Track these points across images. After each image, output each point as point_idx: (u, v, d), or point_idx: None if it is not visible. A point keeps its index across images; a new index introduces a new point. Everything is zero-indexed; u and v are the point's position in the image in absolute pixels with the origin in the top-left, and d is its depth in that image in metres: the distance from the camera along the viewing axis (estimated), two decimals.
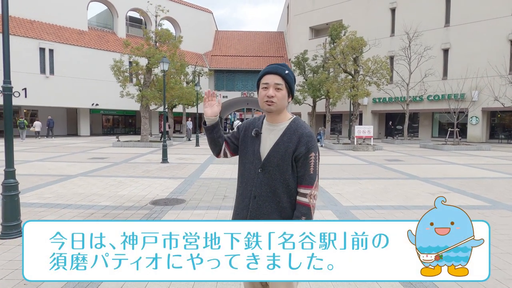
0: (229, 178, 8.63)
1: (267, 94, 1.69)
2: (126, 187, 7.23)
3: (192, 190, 7.11)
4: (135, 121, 36.21)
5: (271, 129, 1.76)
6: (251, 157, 1.75)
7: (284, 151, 1.67)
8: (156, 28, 19.15)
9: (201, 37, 38.08)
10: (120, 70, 18.52)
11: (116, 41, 30.74)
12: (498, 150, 17.88)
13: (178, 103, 25.56)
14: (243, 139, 1.85)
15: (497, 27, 23.83)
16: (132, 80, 22.86)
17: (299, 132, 1.70)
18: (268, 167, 1.68)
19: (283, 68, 1.74)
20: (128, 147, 17.98)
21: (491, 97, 20.91)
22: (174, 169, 10.02)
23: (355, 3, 31.27)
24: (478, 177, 9.06)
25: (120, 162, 11.54)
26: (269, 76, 1.71)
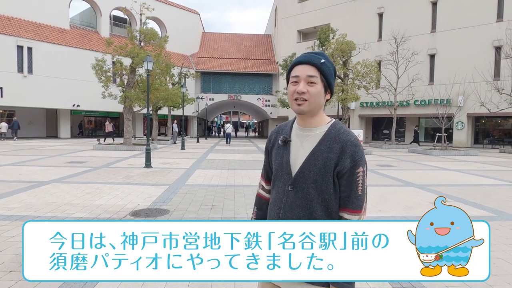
0: (216, 185, 8.10)
1: (297, 89, 1.32)
2: (103, 196, 6.61)
3: (176, 198, 6.55)
4: (118, 123, 35.17)
5: (304, 135, 1.39)
6: (279, 171, 1.40)
7: (323, 163, 1.30)
8: (141, 27, 18.44)
9: (188, 38, 37.40)
10: (102, 70, 17.72)
11: (99, 40, 29.77)
12: (485, 156, 17.92)
13: (163, 105, 24.84)
14: (271, 150, 1.50)
15: (482, 34, 24.14)
16: (115, 80, 22.04)
17: (342, 140, 1.32)
18: (301, 183, 1.32)
19: (318, 56, 1.35)
20: (110, 150, 17.18)
21: (477, 103, 21.06)
22: (157, 175, 9.42)
23: (343, 8, 31.29)
24: (474, 184, 8.81)
25: (100, 167, 10.84)
26: (300, 67, 1.34)
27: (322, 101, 1.36)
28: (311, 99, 1.31)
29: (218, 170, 10.73)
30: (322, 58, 1.34)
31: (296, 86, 1.33)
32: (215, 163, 12.53)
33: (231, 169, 11.04)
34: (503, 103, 20.13)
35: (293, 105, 1.34)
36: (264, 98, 37.24)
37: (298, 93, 1.31)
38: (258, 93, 37.68)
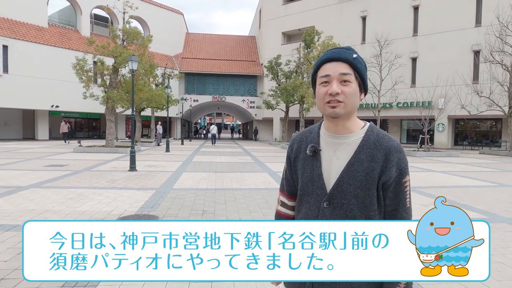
0: (205, 188, 7.87)
1: (330, 91, 1.16)
2: (87, 201, 6.27)
3: (165, 204, 6.29)
4: (99, 125, 34.24)
5: (337, 143, 1.22)
6: (309, 186, 1.23)
7: (364, 174, 1.16)
8: (124, 26, 17.95)
9: (171, 39, 36.85)
10: (83, 70, 17.12)
11: (79, 39, 28.90)
12: (467, 157, 18.35)
13: (147, 106, 24.29)
14: (295, 161, 1.30)
15: (462, 38, 24.80)
16: (96, 80, 21.39)
17: (385, 146, 1.18)
18: (340, 199, 1.18)
19: (349, 51, 1.20)
20: (92, 152, 16.61)
21: (458, 105, 21.58)
22: (143, 179, 9.09)
23: (327, 10, 31.55)
24: (462, 185, 8.91)
25: (82, 170, 10.39)
26: (329, 65, 1.18)
27: (358, 101, 1.20)
28: (346, 100, 1.16)
29: (205, 173, 10.49)
30: (353, 53, 1.20)
31: (327, 86, 1.17)
32: (202, 166, 12.26)
33: (218, 172, 10.81)
34: (483, 105, 20.70)
35: (326, 109, 1.18)
36: (249, 100, 37.10)
37: (332, 94, 1.15)
38: (242, 95, 37.51)
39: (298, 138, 1.33)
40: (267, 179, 9.39)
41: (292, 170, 1.32)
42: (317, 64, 1.23)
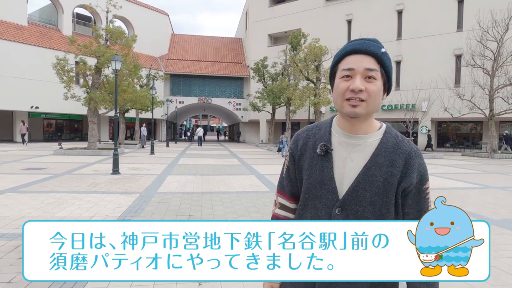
0: (191, 192, 7.65)
1: (352, 87, 1.04)
2: (66, 206, 5.97)
3: (149, 208, 6.05)
4: (81, 126, 33.40)
5: (353, 143, 1.12)
6: (318, 189, 1.13)
7: (383, 180, 1.07)
8: (107, 25, 17.50)
9: (156, 39, 36.34)
10: (64, 69, 16.58)
11: (60, 38, 28.14)
12: (450, 159, 18.66)
13: (131, 108, 23.80)
14: (300, 159, 1.18)
15: (444, 43, 25.34)
16: (78, 81, 20.80)
17: (404, 150, 1.09)
18: (355, 206, 1.09)
19: (377, 45, 1.08)
20: (73, 155, 16.09)
21: (441, 108, 21.98)
22: (126, 182, 8.79)
23: (314, 13, 31.74)
24: (447, 187, 8.97)
25: (62, 174, 9.99)
26: (354, 58, 1.06)
27: (381, 101, 1.10)
28: (369, 99, 1.05)
29: (191, 175, 10.25)
30: (381, 46, 1.07)
31: (349, 81, 1.05)
32: (187, 168, 12.00)
33: (205, 174, 10.59)
34: (465, 108, 21.14)
35: (345, 107, 1.06)
36: (235, 102, 36.91)
37: (354, 91, 1.03)
38: (229, 97, 37.29)
39: (304, 134, 1.20)
40: (254, 182, 9.23)
41: (296, 169, 1.19)
42: (339, 55, 1.10)
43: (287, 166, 1.23)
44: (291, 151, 1.22)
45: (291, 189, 1.23)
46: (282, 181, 1.26)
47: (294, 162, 1.20)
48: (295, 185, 1.21)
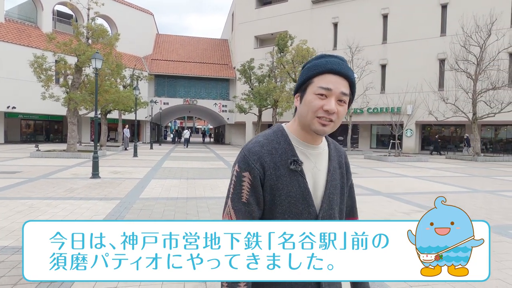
0: (176, 197, 7.27)
1: (328, 108, 1.07)
2: (38, 215, 5.50)
3: (130, 216, 5.65)
4: (62, 128, 32.31)
5: (316, 153, 1.18)
6: (298, 207, 1.12)
7: (340, 181, 1.22)
8: (89, 23, 16.86)
9: (141, 39, 35.58)
10: (41, 68, 15.86)
11: (40, 36, 27.12)
12: (435, 162, 18.81)
13: (113, 108, 23.10)
14: (271, 179, 1.11)
15: (428, 47, 25.70)
16: (58, 80, 20.01)
17: (342, 152, 1.29)
18: (328, 211, 1.16)
19: (350, 68, 1.12)
20: (51, 158, 15.38)
21: (426, 111, 22.21)
22: (107, 187, 8.32)
23: (300, 16, 31.72)
24: (438, 191, 8.88)
25: (37, 178, 9.42)
26: (333, 78, 1.08)
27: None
28: (337, 120, 1.10)
29: (176, 179, 9.84)
30: (352, 71, 1.13)
31: (323, 101, 1.07)
32: (172, 172, 11.58)
33: (190, 178, 10.20)
34: (449, 111, 21.41)
35: (315, 124, 1.09)
36: (221, 103, 36.50)
37: (329, 112, 1.07)
38: (214, 98, 36.85)
39: (265, 150, 1.11)
40: None
41: (265, 192, 1.11)
42: (316, 70, 1.09)
43: (249, 190, 1.10)
44: (252, 174, 1.10)
45: (252, 215, 1.13)
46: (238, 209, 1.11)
47: (261, 185, 1.11)
48: (259, 210, 1.14)
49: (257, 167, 1.09)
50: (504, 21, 22.04)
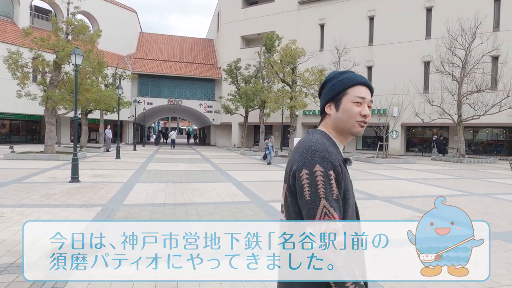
0: (163, 203, 6.77)
1: (365, 113, 1.25)
2: (8, 226, 4.91)
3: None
4: (40, 128, 30.97)
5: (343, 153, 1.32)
6: (352, 200, 1.23)
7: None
8: (68, 18, 16.05)
9: (123, 37, 34.58)
10: (16, 64, 14.97)
11: (16, 32, 25.89)
12: (422, 163, 18.85)
13: (94, 108, 22.20)
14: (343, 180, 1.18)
15: (413, 49, 25.91)
16: (36, 78, 19.03)
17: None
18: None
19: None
20: (27, 160, 14.51)
21: (412, 113, 22.32)
22: (87, 192, 7.73)
23: (287, 16, 31.52)
24: (433, 194, 8.68)
25: (9, 182, 8.71)
26: (364, 89, 1.28)
27: None
28: (367, 123, 1.28)
29: (162, 183, 9.31)
30: None
31: (360, 107, 1.26)
32: (157, 175, 11.02)
33: (177, 182, 9.69)
34: (434, 113, 21.58)
35: (356, 127, 1.26)
36: (207, 104, 35.87)
37: (366, 116, 1.26)
38: (200, 99, 36.20)
39: (334, 154, 1.19)
40: (232, 191, 8.47)
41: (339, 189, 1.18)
42: (351, 83, 1.26)
43: (337, 186, 1.14)
44: (338, 169, 1.15)
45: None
46: (337, 206, 1.12)
47: (341, 184, 1.17)
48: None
49: (339, 165, 1.17)
50: (487, 25, 22.39)
